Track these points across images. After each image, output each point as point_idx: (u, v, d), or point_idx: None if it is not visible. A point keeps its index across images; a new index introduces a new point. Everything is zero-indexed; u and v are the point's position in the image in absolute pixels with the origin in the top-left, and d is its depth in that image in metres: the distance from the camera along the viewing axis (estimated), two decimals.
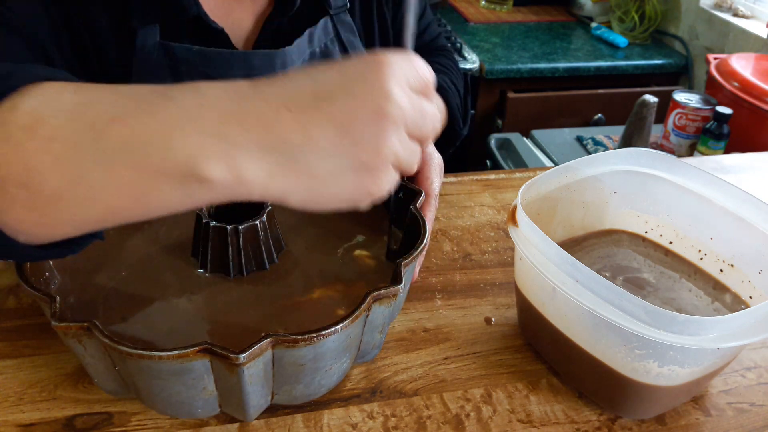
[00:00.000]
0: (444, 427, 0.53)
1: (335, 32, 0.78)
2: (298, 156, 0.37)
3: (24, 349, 0.57)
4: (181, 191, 0.38)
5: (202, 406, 0.47)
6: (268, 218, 0.55)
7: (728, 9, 1.97)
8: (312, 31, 0.76)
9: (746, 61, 1.55)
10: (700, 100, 1.47)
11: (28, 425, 0.50)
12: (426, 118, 0.40)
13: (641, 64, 2.03)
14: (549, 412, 0.55)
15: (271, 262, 0.57)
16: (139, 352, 0.42)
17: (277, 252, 0.57)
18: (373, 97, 0.37)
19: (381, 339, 0.54)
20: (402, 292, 0.51)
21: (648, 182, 0.65)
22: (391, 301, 0.49)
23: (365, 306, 0.46)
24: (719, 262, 0.63)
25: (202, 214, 0.54)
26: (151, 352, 0.42)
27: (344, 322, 0.45)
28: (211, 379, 0.45)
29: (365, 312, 0.47)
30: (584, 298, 0.48)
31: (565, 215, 0.65)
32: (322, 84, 0.38)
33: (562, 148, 1.61)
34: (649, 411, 0.54)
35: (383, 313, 0.50)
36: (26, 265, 0.49)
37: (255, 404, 0.47)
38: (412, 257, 0.51)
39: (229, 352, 0.41)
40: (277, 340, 0.43)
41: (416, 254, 0.52)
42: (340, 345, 0.46)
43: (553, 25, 2.29)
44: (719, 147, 1.40)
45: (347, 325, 0.45)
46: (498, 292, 0.67)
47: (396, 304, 0.52)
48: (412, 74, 0.39)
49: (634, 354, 0.49)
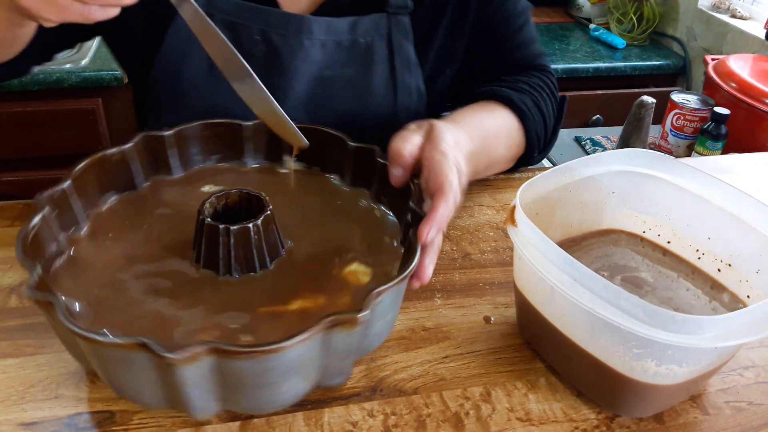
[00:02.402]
0: (443, 425, 0.53)
1: (387, 30, 0.78)
2: None
3: (26, 348, 0.57)
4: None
5: (151, 397, 0.47)
6: (264, 223, 0.54)
7: (726, 10, 1.97)
8: (357, 20, 0.76)
9: (744, 62, 1.56)
10: (697, 101, 1.48)
11: (30, 424, 0.51)
12: None
13: (639, 65, 2.03)
14: (548, 411, 0.55)
15: (264, 267, 0.56)
16: (84, 333, 0.42)
17: (272, 258, 0.56)
18: None
19: (348, 366, 0.51)
20: (368, 322, 0.47)
21: (646, 182, 0.66)
22: (352, 328, 0.45)
23: (318, 328, 0.43)
24: (717, 261, 0.63)
25: (203, 211, 0.55)
26: (95, 335, 0.42)
27: (288, 341, 0.42)
28: (155, 374, 0.44)
29: (320, 335, 0.44)
30: (583, 298, 0.49)
31: (564, 215, 0.66)
32: None
33: (561, 149, 1.61)
34: (648, 409, 0.55)
35: (345, 340, 0.46)
36: (27, 241, 0.49)
37: (199, 406, 0.46)
38: (386, 287, 0.47)
39: (165, 351, 0.41)
40: (214, 348, 0.42)
41: (392, 285, 0.48)
42: (289, 365, 0.44)
43: (551, 26, 2.29)
44: (717, 147, 1.40)
45: (291, 346, 0.42)
46: (497, 291, 0.68)
47: (365, 331, 0.49)
48: None
49: (632, 353, 0.49)
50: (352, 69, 0.79)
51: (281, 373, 0.45)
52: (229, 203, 0.58)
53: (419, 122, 0.63)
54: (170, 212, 0.62)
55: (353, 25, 0.77)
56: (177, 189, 0.65)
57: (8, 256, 0.67)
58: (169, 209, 0.62)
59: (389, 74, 0.80)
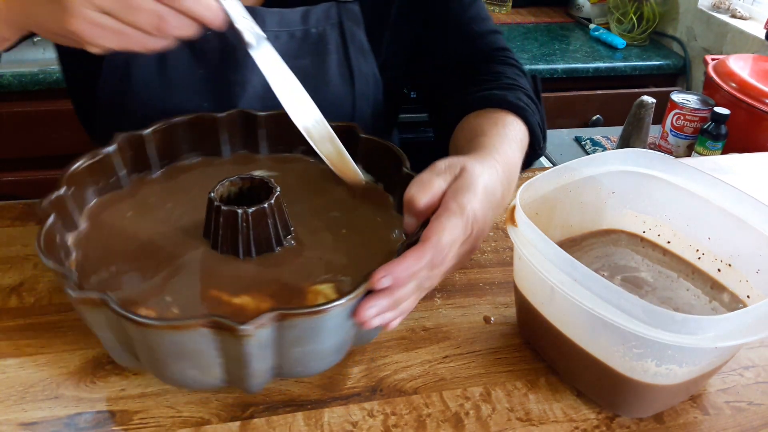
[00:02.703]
0: (443, 425, 0.53)
1: (338, 19, 0.78)
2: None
3: (26, 348, 0.57)
4: None
5: (210, 377, 0.49)
6: (276, 202, 0.56)
7: (726, 10, 1.97)
8: (308, 10, 0.76)
9: (744, 62, 1.56)
10: (697, 101, 1.48)
11: (30, 424, 0.51)
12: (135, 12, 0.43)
13: (639, 65, 2.03)
14: (548, 411, 0.55)
15: (271, 249, 0.57)
16: (149, 321, 0.43)
17: (278, 241, 0.58)
18: None
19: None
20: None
21: (646, 182, 0.66)
22: None
23: (361, 290, 0.47)
24: (717, 261, 0.63)
25: (213, 198, 0.55)
26: (162, 321, 0.44)
27: (340, 301, 0.45)
28: (217, 352, 0.46)
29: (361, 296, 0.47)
30: (582, 298, 0.49)
31: (564, 215, 0.66)
32: None
33: (561, 149, 1.61)
34: (648, 409, 0.55)
35: None
36: (42, 239, 0.50)
37: (258, 377, 0.48)
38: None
39: (235, 323, 0.43)
40: (280, 314, 0.44)
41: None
42: (337, 323, 0.47)
43: (551, 26, 2.29)
44: (717, 147, 1.40)
45: (341, 305, 0.46)
46: (497, 291, 0.68)
47: None
48: None
49: (632, 353, 0.49)
50: (307, 59, 0.78)
51: (331, 331, 0.48)
52: (232, 190, 0.59)
53: (450, 162, 0.55)
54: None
55: (305, 15, 0.76)
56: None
57: (8, 256, 0.67)
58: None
59: (344, 62, 0.80)
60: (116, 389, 0.54)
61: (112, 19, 0.44)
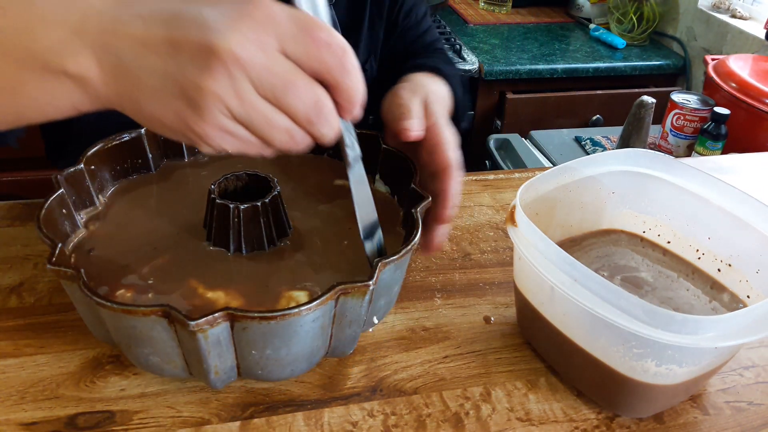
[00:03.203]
0: (443, 425, 0.53)
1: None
2: (132, 64, 0.38)
3: (26, 348, 0.57)
4: (42, 86, 0.40)
5: (172, 366, 0.49)
6: (272, 201, 0.56)
7: (726, 10, 1.98)
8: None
9: (744, 62, 1.56)
10: (698, 101, 1.48)
11: (30, 424, 0.51)
12: (289, 91, 0.39)
13: (639, 65, 2.03)
14: (548, 411, 0.55)
15: (272, 244, 0.58)
16: (104, 302, 0.44)
17: (279, 237, 0.58)
18: (212, 31, 0.37)
19: (356, 334, 0.53)
20: (376, 293, 0.50)
21: (646, 182, 0.66)
22: (362, 296, 0.48)
23: (330, 295, 0.46)
24: (717, 261, 0.63)
25: (212, 190, 0.56)
26: (116, 304, 0.44)
27: (302, 307, 0.44)
28: (174, 342, 0.46)
29: (330, 302, 0.46)
30: (582, 298, 0.49)
31: (564, 215, 0.66)
32: (188, 1, 0.39)
33: (561, 149, 1.61)
34: (648, 409, 0.55)
35: (354, 308, 0.49)
36: (44, 210, 0.51)
37: (220, 373, 0.48)
38: (393, 259, 0.49)
39: (185, 316, 0.43)
40: (230, 314, 0.44)
41: (398, 257, 0.49)
42: (300, 331, 0.46)
43: (551, 26, 2.30)
44: (717, 147, 1.40)
45: (304, 312, 0.45)
46: (497, 291, 0.68)
47: (371, 303, 0.51)
48: (290, 33, 0.38)
49: (632, 353, 0.49)
50: None
51: (287, 339, 0.47)
52: (239, 184, 0.60)
53: (406, 82, 0.63)
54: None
55: None
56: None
57: (8, 255, 0.67)
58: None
59: None
60: (116, 389, 0.54)
61: (243, 129, 0.40)
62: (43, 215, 0.52)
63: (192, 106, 0.38)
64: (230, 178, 0.59)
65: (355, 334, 0.52)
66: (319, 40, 0.38)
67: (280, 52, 0.38)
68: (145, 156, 0.65)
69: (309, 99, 0.40)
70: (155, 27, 0.38)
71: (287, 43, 0.38)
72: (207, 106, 0.38)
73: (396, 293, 0.57)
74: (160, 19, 0.38)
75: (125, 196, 0.63)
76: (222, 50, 0.36)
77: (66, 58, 0.39)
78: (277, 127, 0.40)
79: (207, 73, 0.37)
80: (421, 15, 0.95)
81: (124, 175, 0.64)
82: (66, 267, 0.46)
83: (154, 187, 0.65)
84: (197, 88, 0.37)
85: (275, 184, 0.58)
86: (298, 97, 0.39)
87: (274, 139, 0.41)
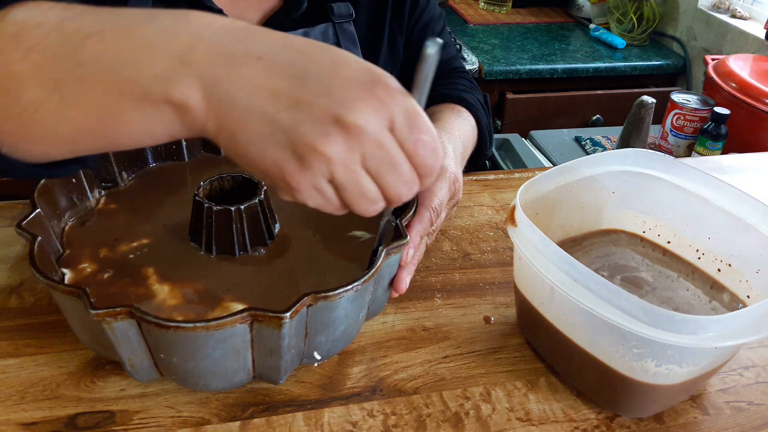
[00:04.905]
0: (443, 425, 0.53)
1: (335, 40, 0.79)
2: (242, 103, 0.38)
3: (26, 348, 0.57)
4: (140, 114, 0.39)
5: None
6: (248, 208, 0.56)
7: (726, 10, 1.98)
8: (307, 31, 0.77)
9: (744, 62, 1.56)
10: (697, 101, 1.48)
11: (30, 424, 0.51)
12: (391, 170, 0.40)
13: (639, 65, 2.03)
14: (548, 411, 0.55)
15: (256, 246, 0.58)
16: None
17: (262, 239, 0.58)
18: (341, 101, 0.37)
19: (283, 369, 0.50)
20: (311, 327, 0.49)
21: (646, 182, 0.66)
22: (277, 327, 0.45)
23: (237, 318, 0.44)
24: (717, 261, 0.63)
25: (202, 200, 0.56)
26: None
27: (208, 323, 0.44)
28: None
29: (244, 325, 0.45)
30: (582, 298, 0.49)
31: (564, 215, 0.66)
32: (309, 59, 0.38)
33: (561, 149, 1.61)
34: (648, 409, 0.55)
35: (273, 335, 0.46)
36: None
37: (137, 367, 0.49)
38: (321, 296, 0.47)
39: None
40: (130, 311, 0.44)
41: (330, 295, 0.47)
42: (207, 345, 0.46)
43: (551, 26, 2.29)
44: (717, 147, 1.40)
45: (203, 328, 0.44)
46: (497, 291, 0.68)
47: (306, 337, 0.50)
48: (403, 122, 0.39)
49: (632, 353, 0.49)
50: None
51: (198, 353, 0.46)
52: (224, 187, 0.61)
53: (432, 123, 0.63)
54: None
55: (304, 36, 0.77)
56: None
57: (8, 255, 0.67)
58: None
59: None
60: (116, 389, 0.54)
61: (333, 191, 0.40)
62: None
63: (298, 161, 0.38)
64: (226, 178, 0.59)
65: (286, 364, 0.50)
66: (420, 129, 0.40)
67: (389, 130, 0.39)
68: (144, 157, 0.67)
69: (407, 181, 0.41)
70: (277, 78, 0.38)
71: (396, 126, 0.39)
72: (312, 166, 0.38)
73: (347, 334, 0.53)
74: (283, 73, 0.38)
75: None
76: (348, 123, 0.37)
77: (171, 86, 0.38)
78: (366, 197, 0.41)
79: (325, 138, 0.37)
80: (438, 30, 0.92)
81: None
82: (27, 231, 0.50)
83: (154, 184, 0.66)
84: (311, 148, 0.37)
85: (263, 192, 0.57)
86: (399, 179, 0.40)
87: (357, 205, 0.41)
